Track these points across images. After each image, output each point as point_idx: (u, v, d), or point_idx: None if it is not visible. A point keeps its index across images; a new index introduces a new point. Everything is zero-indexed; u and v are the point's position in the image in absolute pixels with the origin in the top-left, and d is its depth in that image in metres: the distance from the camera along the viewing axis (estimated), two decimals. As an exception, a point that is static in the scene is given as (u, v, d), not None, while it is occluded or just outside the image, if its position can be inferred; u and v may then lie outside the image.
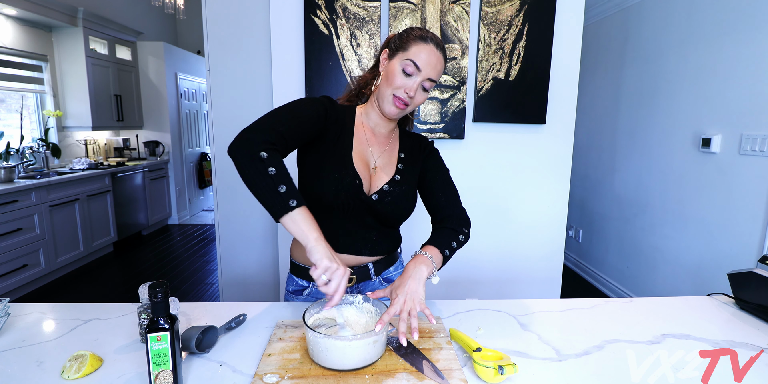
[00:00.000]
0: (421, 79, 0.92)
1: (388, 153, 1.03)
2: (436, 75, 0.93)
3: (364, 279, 1.03)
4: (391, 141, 1.05)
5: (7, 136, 3.27)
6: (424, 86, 0.93)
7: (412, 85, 0.91)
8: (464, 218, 1.02)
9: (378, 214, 0.98)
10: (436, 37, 0.95)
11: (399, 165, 1.02)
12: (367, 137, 1.01)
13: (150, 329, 0.64)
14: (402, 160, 1.03)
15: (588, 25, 3.32)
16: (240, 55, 1.97)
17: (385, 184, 0.98)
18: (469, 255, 2.04)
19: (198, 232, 4.69)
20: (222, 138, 2.03)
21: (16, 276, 2.81)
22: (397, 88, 0.92)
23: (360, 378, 0.71)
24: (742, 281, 1.01)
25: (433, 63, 0.92)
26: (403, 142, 1.06)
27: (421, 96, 0.95)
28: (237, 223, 2.10)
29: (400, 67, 0.92)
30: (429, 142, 1.09)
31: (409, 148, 1.06)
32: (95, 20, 3.79)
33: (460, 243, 0.98)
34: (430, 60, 0.91)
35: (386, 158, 1.02)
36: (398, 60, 0.92)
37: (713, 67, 2.15)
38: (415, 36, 0.93)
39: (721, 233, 2.10)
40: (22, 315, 0.95)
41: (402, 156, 1.04)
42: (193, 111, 5.39)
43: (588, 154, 3.39)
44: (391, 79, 0.92)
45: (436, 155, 1.08)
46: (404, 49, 0.93)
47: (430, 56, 0.91)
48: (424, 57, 0.90)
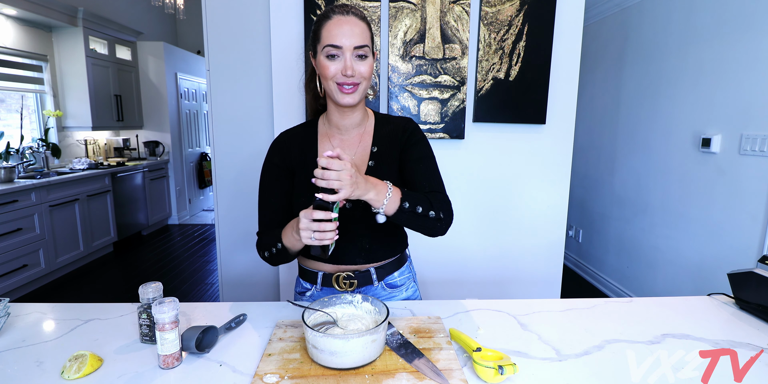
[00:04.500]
0: (349, 52, 0.87)
1: (360, 152, 0.99)
2: (360, 39, 0.87)
3: (365, 284, 1.02)
4: (363, 137, 1.00)
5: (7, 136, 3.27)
6: (360, 55, 0.88)
7: (345, 65, 0.87)
8: (446, 203, 0.94)
9: (360, 221, 0.96)
10: (341, 6, 0.90)
11: (370, 162, 0.97)
12: (334, 146, 0.99)
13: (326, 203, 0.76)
14: (374, 156, 0.98)
15: (588, 25, 3.32)
16: (240, 55, 1.97)
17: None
18: (469, 255, 2.04)
19: (198, 232, 4.70)
20: (222, 138, 2.03)
21: (16, 276, 2.81)
22: (333, 77, 0.88)
23: (360, 378, 0.71)
24: (742, 281, 1.01)
25: (347, 31, 0.86)
26: (379, 132, 1.00)
27: (364, 66, 0.89)
28: (237, 223, 2.10)
29: (324, 59, 0.88)
30: (411, 126, 1.02)
31: (385, 138, 0.99)
32: (95, 20, 3.79)
33: (427, 217, 0.89)
34: (342, 31, 0.86)
35: (358, 159, 0.98)
36: (320, 52, 0.89)
37: (713, 67, 2.15)
38: (318, 19, 0.91)
39: (721, 233, 2.10)
40: (22, 315, 0.95)
41: (374, 150, 0.98)
42: (193, 111, 5.39)
43: (588, 154, 3.39)
44: (324, 72, 0.89)
45: (419, 142, 1.00)
46: (317, 39, 0.90)
47: (341, 27, 0.86)
48: (335, 31, 0.86)
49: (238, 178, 2.06)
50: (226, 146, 2.04)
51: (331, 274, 1.00)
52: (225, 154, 2.04)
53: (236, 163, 2.05)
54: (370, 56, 0.91)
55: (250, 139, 2.02)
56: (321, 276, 1.02)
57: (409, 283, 1.09)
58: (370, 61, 0.90)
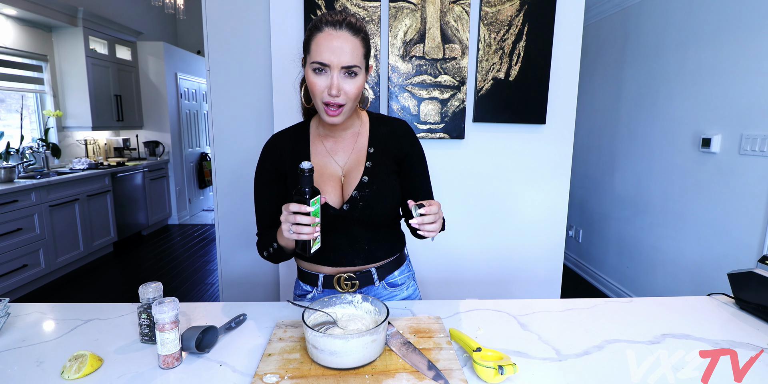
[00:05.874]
0: (336, 71, 0.82)
1: (356, 153, 0.98)
2: (349, 58, 0.82)
3: (366, 284, 1.02)
4: (358, 138, 0.98)
5: (7, 136, 3.27)
6: (349, 73, 0.84)
7: (330, 84, 0.82)
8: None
9: (358, 222, 0.96)
10: (336, 15, 0.83)
11: (367, 163, 0.96)
12: (328, 148, 0.98)
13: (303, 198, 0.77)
14: (371, 157, 0.97)
15: (588, 25, 3.32)
16: (240, 55, 1.97)
17: (353, 191, 0.94)
18: (469, 255, 2.04)
19: (198, 232, 4.70)
20: (222, 138, 2.03)
21: (16, 276, 2.81)
22: (320, 94, 0.84)
23: (360, 378, 0.71)
24: (742, 281, 1.01)
25: (336, 48, 0.81)
26: (375, 133, 0.99)
27: (351, 85, 0.84)
28: (237, 223, 2.10)
29: (312, 73, 0.84)
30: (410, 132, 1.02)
31: (382, 139, 0.98)
32: (95, 20, 3.79)
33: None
34: (331, 47, 0.81)
35: (354, 160, 0.97)
36: (308, 66, 0.85)
37: (713, 67, 2.15)
38: (311, 27, 0.84)
39: (721, 233, 2.10)
40: (22, 315, 0.95)
41: (371, 151, 0.97)
42: (193, 111, 5.39)
43: (588, 154, 3.39)
44: (311, 87, 0.85)
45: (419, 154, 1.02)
46: (307, 50, 0.85)
47: (330, 43, 0.81)
48: (324, 47, 0.81)
49: (238, 178, 2.06)
50: (226, 146, 2.04)
51: (332, 276, 1.00)
52: (225, 154, 2.04)
53: (236, 163, 2.05)
54: (361, 74, 0.86)
55: (250, 139, 2.02)
56: (322, 278, 1.01)
57: (409, 281, 1.10)
58: (360, 80, 0.85)
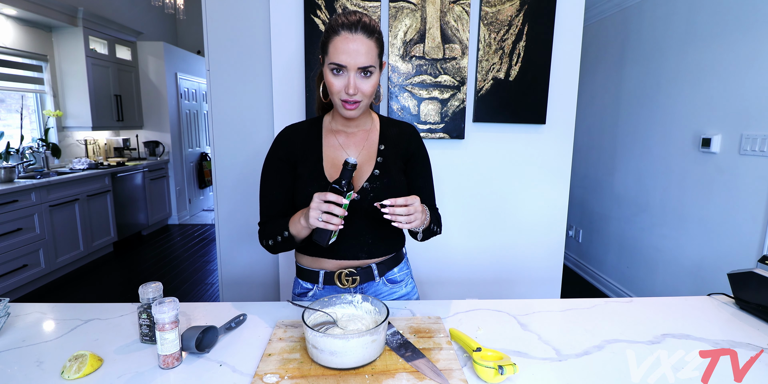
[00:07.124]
0: (353, 71, 0.88)
1: (367, 149, 1.02)
2: (365, 60, 0.88)
3: (367, 280, 1.03)
4: (369, 135, 1.03)
5: (7, 136, 3.27)
6: (365, 73, 0.89)
7: (348, 83, 0.88)
8: (440, 218, 1.08)
9: (365, 214, 0.97)
10: (350, 16, 0.88)
11: (378, 158, 1.00)
12: (340, 142, 1.01)
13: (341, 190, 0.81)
14: (382, 153, 1.01)
15: (588, 25, 3.32)
16: (240, 55, 1.97)
17: (365, 182, 0.98)
18: (469, 255, 2.04)
19: (198, 232, 4.70)
20: (222, 138, 2.03)
21: (16, 276, 2.81)
22: (338, 93, 0.90)
23: (360, 378, 0.71)
24: (742, 281, 1.01)
25: (352, 51, 0.87)
26: (384, 133, 1.04)
27: (367, 84, 0.90)
28: (237, 223, 2.10)
29: (329, 72, 0.90)
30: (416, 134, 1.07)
31: (392, 138, 1.04)
32: (95, 20, 3.79)
33: (431, 231, 1.02)
34: (347, 50, 0.86)
35: (365, 155, 1.01)
36: (326, 65, 0.91)
37: (713, 67, 2.15)
38: (328, 29, 0.90)
39: (721, 233, 2.10)
40: (22, 315, 0.95)
41: (382, 148, 1.02)
42: (193, 111, 5.39)
43: (588, 154, 3.39)
44: (329, 86, 0.91)
45: (425, 157, 1.08)
46: (325, 51, 0.90)
47: (347, 46, 0.86)
48: (341, 50, 0.87)
49: (238, 178, 2.06)
50: (226, 146, 2.04)
51: (333, 272, 1.01)
52: (225, 154, 2.04)
53: (236, 163, 2.05)
54: (376, 72, 0.92)
55: (250, 139, 2.02)
56: (323, 274, 1.02)
57: (407, 279, 1.12)
58: (375, 78, 0.92)
